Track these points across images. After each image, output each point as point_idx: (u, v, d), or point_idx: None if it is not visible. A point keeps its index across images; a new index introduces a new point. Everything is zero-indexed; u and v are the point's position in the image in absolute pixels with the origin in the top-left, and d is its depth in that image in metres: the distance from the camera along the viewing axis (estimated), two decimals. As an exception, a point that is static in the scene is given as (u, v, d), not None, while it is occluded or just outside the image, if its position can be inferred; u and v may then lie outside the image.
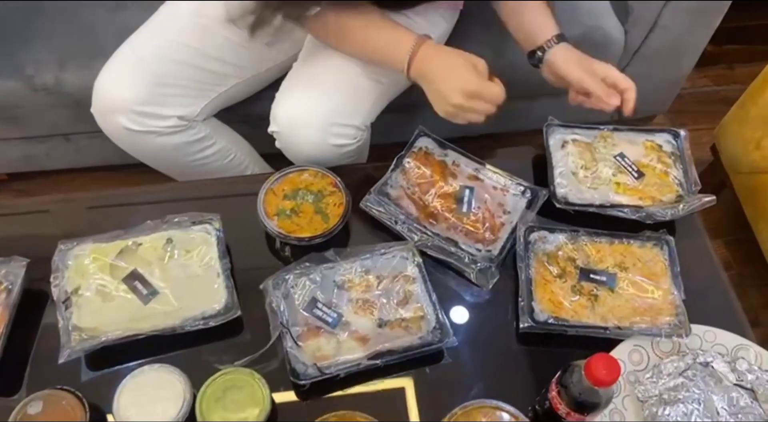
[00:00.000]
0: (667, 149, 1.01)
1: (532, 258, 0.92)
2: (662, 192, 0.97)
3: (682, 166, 1.00)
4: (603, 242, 0.93)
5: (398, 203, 0.96)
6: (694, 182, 0.97)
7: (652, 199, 0.96)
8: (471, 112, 0.89)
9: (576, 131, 1.04)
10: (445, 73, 0.89)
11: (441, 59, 0.90)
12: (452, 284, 0.92)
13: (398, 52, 0.91)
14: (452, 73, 0.88)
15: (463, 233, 0.94)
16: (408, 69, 0.91)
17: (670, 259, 0.92)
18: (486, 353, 0.89)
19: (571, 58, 0.95)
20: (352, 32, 0.93)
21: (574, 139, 1.03)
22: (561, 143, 1.02)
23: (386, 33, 0.93)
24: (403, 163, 1.00)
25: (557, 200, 0.96)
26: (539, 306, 0.88)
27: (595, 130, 1.04)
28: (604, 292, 0.89)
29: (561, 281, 0.90)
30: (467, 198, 0.97)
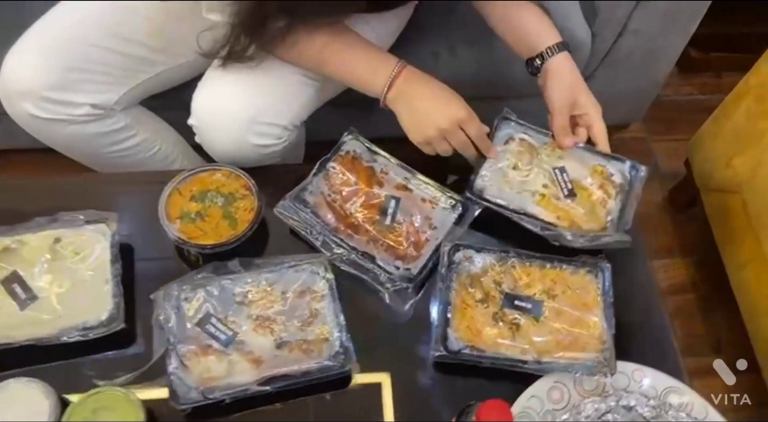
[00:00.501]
0: (617, 179, 0.93)
1: (455, 280, 0.85)
2: (587, 220, 0.89)
3: (623, 202, 0.92)
4: (534, 266, 0.86)
5: (316, 212, 0.89)
6: (626, 223, 0.89)
7: (572, 222, 0.89)
8: (448, 141, 0.87)
9: (529, 132, 0.96)
10: (434, 98, 0.87)
11: (427, 89, 0.87)
12: (366, 305, 0.86)
13: (378, 76, 0.87)
14: (438, 102, 0.86)
15: (384, 248, 0.88)
16: (387, 91, 0.87)
17: (604, 288, 0.85)
18: (397, 382, 0.82)
19: (562, 81, 0.91)
20: (328, 57, 0.88)
21: (522, 138, 0.96)
22: (507, 138, 0.96)
23: (364, 54, 0.89)
24: (327, 167, 0.93)
25: (472, 191, 0.90)
26: (455, 334, 0.81)
27: (550, 136, 0.96)
28: (527, 321, 0.82)
29: (483, 306, 0.83)
30: (392, 210, 0.90)
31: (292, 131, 0.95)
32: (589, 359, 0.79)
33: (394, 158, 0.94)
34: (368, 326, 0.84)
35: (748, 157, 1.22)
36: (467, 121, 0.86)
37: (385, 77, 0.85)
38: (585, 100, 0.90)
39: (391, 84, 0.85)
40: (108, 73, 0.98)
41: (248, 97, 0.90)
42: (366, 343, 0.82)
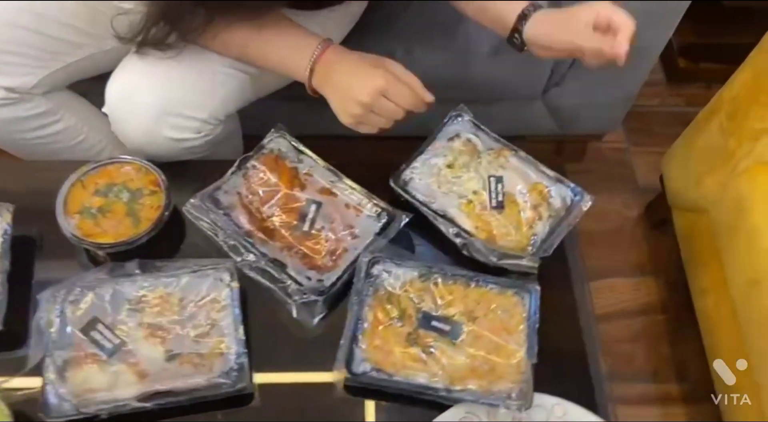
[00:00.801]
0: (555, 202, 0.86)
1: (371, 295, 0.79)
2: (507, 236, 0.83)
3: (553, 227, 0.85)
4: (458, 284, 0.80)
5: (229, 213, 0.83)
6: (548, 248, 0.83)
7: (490, 235, 0.83)
8: (378, 116, 0.79)
9: (479, 133, 0.91)
10: (349, 77, 0.79)
11: (345, 64, 0.80)
12: (272, 318, 0.80)
13: (300, 58, 0.81)
14: (356, 76, 0.79)
15: (298, 257, 0.82)
16: (311, 74, 0.81)
17: (530, 313, 0.78)
18: (298, 404, 0.76)
19: (551, 26, 0.80)
20: (252, 42, 0.83)
21: (468, 138, 0.90)
22: (453, 134, 0.90)
23: (287, 38, 0.82)
24: (247, 165, 0.87)
25: (396, 181, 0.86)
26: (363, 354, 0.75)
27: (501, 144, 0.90)
28: (443, 344, 0.76)
29: (398, 325, 0.77)
30: (311, 215, 0.84)
31: (215, 125, 0.90)
32: (504, 390, 0.73)
33: (322, 160, 0.88)
34: (271, 341, 0.79)
35: (717, 176, 1.15)
36: (388, 87, 0.77)
37: (307, 59, 0.79)
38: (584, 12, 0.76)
39: (314, 66, 0.80)
40: (25, 55, 0.93)
41: (163, 88, 0.84)
42: (267, 360, 0.77)
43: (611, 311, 1.50)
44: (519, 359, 0.75)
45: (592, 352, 0.81)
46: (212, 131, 0.89)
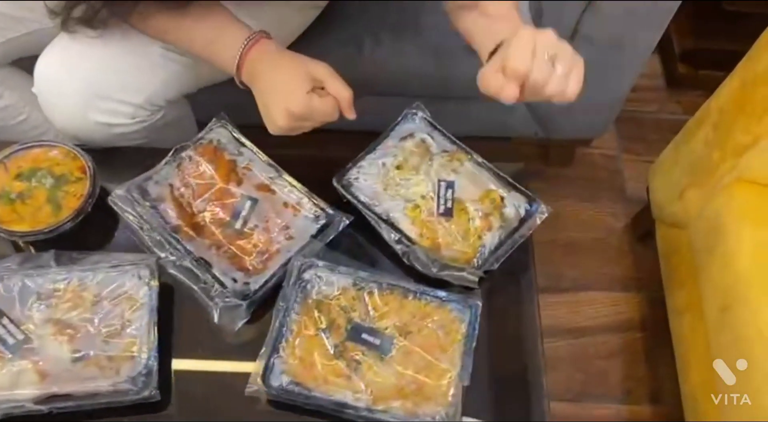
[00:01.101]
0: (509, 212, 0.81)
1: (300, 302, 0.74)
2: (453, 246, 0.78)
3: (503, 238, 0.80)
4: (395, 295, 0.75)
5: (156, 205, 0.79)
6: (496, 260, 0.77)
7: (434, 244, 0.78)
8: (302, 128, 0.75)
9: (434, 134, 0.85)
10: (273, 87, 0.73)
11: (271, 69, 0.74)
12: (194, 321, 0.76)
13: (227, 51, 0.75)
14: (279, 89, 0.73)
15: (227, 256, 0.77)
16: (239, 69, 0.75)
17: (469, 330, 0.73)
18: (218, 414, 0.72)
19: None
20: (183, 28, 0.77)
21: (422, 139, 0.85)
22: (407, 134, 0.85)
23: (218, 27, 0.77)
24: (183, 155, 0.82)
25: (339, 181, 0.81)
26: (282, 366, 0.70)
27: (456, 146, 0.85)
28: (371, 360, 0.72)
29: (325, 336, 0.73)
30: (245, 212, 0.79)
31: (152, 111, 0.85)
32: (429, 413, 0.68)
33: (263, 154, 0.83)
34: (189, 347, 0.74)
35: (700, 190, 1.09)
36: (305, 117, 0.72)
37: (235, 50, 0.74)
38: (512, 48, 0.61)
39: (242, 60, 0.74)
40: (-39, 28, 0.89)
41: (94, 70, 0.80)
42: (183, 367, 0.72)
43: (589, 325, 1.45)
44: (450, 380, 0.70)
45: (536, 375, 0.76)
46: (149, 117, 0.85)
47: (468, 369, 0.71)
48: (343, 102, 0.73)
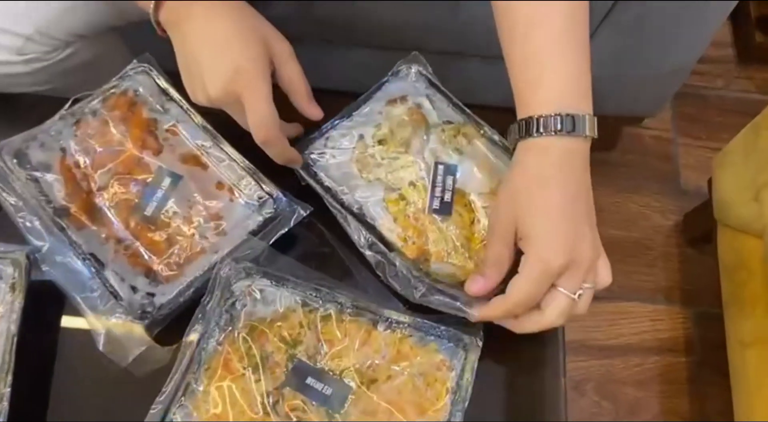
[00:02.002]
0: None
1: (223, 327, 0.54)
2: (448, 256, 0.57)
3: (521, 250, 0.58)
4: (359, 322, 0.54)
5: (39, 177, 0.58)
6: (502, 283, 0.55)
7: (422, 252, 0.57)
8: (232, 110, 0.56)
9: (435, 98, 0.64)
10: (208, 43, 0.53)
11: (212, 12, 0.53)
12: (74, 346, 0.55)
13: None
14: (218, 47, 0.53)
15: (128, 254, 0.57)
16: (157, 10, 0.54)
17: (459, 381, 0.52)
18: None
19: (509, 185, 0.53)
20: None
21: (418, 104, 0.63)
22: (396, 96, 0.63)
23: None
24: (85, 109, 0.61)
25: (305, 162, 0.60)
26: (189, 419, 0.50)
27: (465, 116, 0.63)
28: (316, 418, 0.51)
29: (254, 378, 0.52)
30: (162, 193, 0.58)
31: (50, 48, 0.65)
32: None
33: (197, 113, 0.62)
34: (64, 383, 0.54)
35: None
36: (248, 97, 0.52)
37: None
38: (527, 233, 0.50)
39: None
40: None
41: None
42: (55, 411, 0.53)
43: (623, 343, 1.23)
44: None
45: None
46: (47, 55, 0.64)
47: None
48: (299, 96, 0.57)
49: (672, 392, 1.18)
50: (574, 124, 0.50)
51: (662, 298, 1.26)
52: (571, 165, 0.51)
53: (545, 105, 0.50)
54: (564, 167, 0.50)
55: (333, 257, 0.60)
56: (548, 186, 0.50)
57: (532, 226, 0.50)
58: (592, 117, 0.51)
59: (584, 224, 0.50)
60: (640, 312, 1.25)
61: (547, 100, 0.51)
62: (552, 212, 0.49)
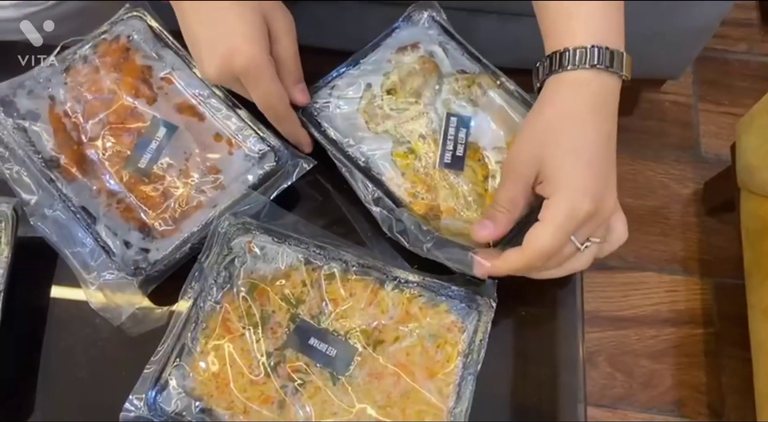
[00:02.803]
0: None
1: (222, 284, 0.51)
2: (459, 213, 0.54)
3: (537, 207, 0.54)
4: (366, 282, 0.52)
5: (27, 126, 0.56)
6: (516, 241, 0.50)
7: (431, 208, 0.54)
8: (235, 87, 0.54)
9: (449, 47, 0.60)
10: (209, 28, 0.51)
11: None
12: (64, 306, 0.53)
13: None
14: (224, 19, 0.50)
15: (121, 208, 0.54)
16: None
17: (470, 344, 0.50)
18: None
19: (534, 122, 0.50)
20: None
21: (431, 52, 0.59)
22: (408, 42, 0.60)
23: None
24: (75, 55, 0.58)
25: (308, 112, 0.56)
26: (181, 382, 0.48)
27: (481, 66, 0.59)
28: (318, 380, 0.49)
29: (254, 339, 0.50)
30: (156, 143, 0.56)
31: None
32: (399, 474, 0.46)
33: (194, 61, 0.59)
34: (53, 343, 0.52)
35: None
36: (249, 79, 0.51)
37: None
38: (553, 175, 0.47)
39: None
40: None
41: None
42: (45, 378, 0.51)
43: (638, 314, 1.21)
44: (437, 420, 0.47)
45: (570, 408, 0.52)
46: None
47: (464, 404, 0.48)
48: (289, 77, 0.54)
49: (687, 364, 1.15)
50: (612, 59, 0.47)
51: (679, 268, 1.23)
52: (606, 104, 0.48)
53: (581, 36, 0.47)
54: (599, 105, 0.47)
55: (337, 213, 0.57)
56: (582, 124, 0.47)
57: (560, 167, 0.46)
58: (629, 56, 0.48)
59: (613, 170, 0.48)
60: (655, 283, 1.22)
61: (583, 30, 0.47)
62: (584, 153, 0.46)
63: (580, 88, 0.47)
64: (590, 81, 0.47)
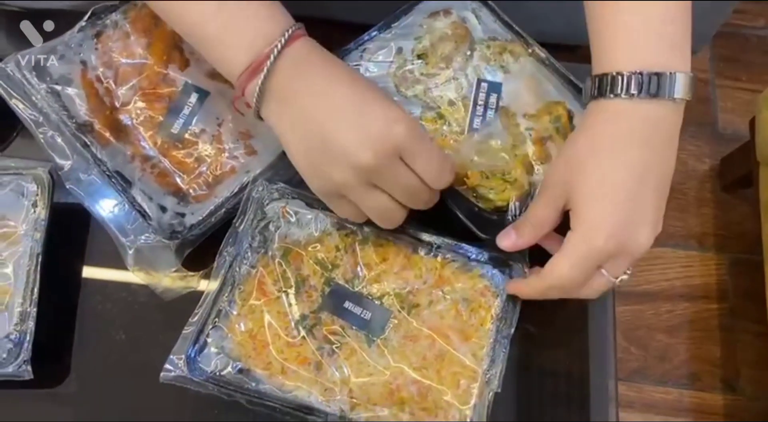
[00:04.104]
0: None
1: (257, 249, 0.52)
2: (487, 180, 0.54)
3: None
4: (398, 247, 0.52)
5: (60, 91, 0.56)
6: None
7: (460, 177, 0.53)
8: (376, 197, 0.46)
9: (482, 14, 0.59)
10: (353, 111, 0.44)
11: (339, 86, 0.45)
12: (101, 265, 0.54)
13: (242, 42, 0.45)
14: (368, 112, 0.44)
15: (155, 173, 0.55)
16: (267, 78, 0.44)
17: (507, 307, 0.50)
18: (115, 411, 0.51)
19: (570, 148, 0.47)
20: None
21: (463, 17, 0.59)
22: (439, 8, 0.59)
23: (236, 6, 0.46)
24: (106, 21, 0.58)
25: None
26: (219, 342, 0.49)
27: (513, 33, 0.59)
28: (354, 342, 0.49)
29: (289, 302, 0.50)
30: (189, 109, 0.56)
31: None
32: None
33: (225, 26, 0.59)
34: (87, 303, 0.53)
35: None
36: (418, 145, 0.44)
37: (256, 49, 0.44)
38: (577, 208, 0.45)
39: (275, 63, 0.44)
40: None
41: None
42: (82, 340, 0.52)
43: (653, 290, 1.21)
44: (471, 382, 0.48)
45: (601, 394, 0.53)
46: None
47: (499, 366, 0.48)
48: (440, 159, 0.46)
49: (702, 339, 1.16)
50: (659, 85, 0.42)
51: (695, 244, 1.23)
52: (648, 137, 0.43)
53: (623, 60, 0.43)
54: (638, 138, 0.43)
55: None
56: (613, 158, 0.43)
57: (583, 202, 0.44)
58: (688, 75, 0.43)
59: (648, 208, 0.44)
60: (671, 258, 1.23)
61: (627, 52, 0.43)
62: (609, 192, 0.43)
63: (618, 119, 0.44)
64: (630, 113, 0.43)
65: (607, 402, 0.53)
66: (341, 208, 0.48)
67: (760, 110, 1.03)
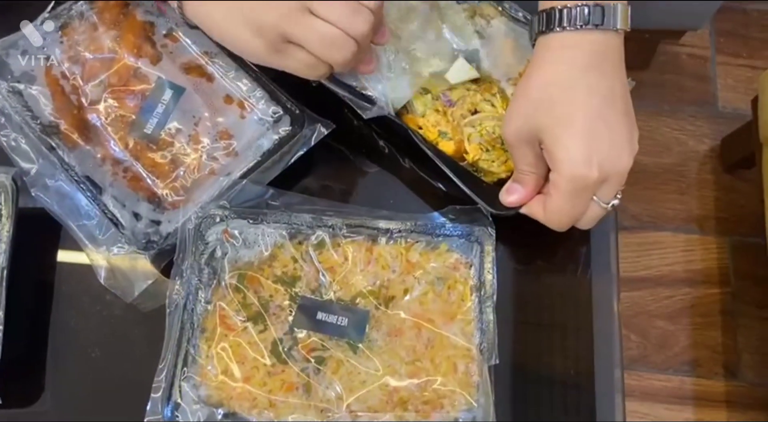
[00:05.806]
0: None
1: (207, 282, 0.48)
2: (494, 152, 0.52)
3: None
4: (358, 242, 0.49)
5: (23, 90, 0.52)
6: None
7: (460, 152, 0.52)
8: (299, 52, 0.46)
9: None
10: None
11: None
12: (72, 278, 0.51)
13: None
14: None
15: (128, 177, 0.51)
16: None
17: (481, 276, 0.48)
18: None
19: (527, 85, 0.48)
20: None
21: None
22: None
23: None
24: (72, 12, 0.54)
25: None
26: (195, 392, 0.45)
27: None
28: (338, 352, 0.47)
29: (257, 329, 0.47)
30: (163, 108, 0.52)
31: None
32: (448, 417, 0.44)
33: (200, 16, 0.55)
34: (59, 321, 0.50)
35: None
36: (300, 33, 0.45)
37: None
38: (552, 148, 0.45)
39: None
40: None
41: None
42: (57, 358, 0.49)
43: (653, 275, 1.19)
44: (469, 362, 0.46)
45: (605, 369, 0.50)
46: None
47: (491, 336, 0.46)
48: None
49: (703, 324, 1.14)
50: (603, 15, 0.44)
51: (695, 227, 1.21)
52: (600, 65, 0.45)
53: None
54: (591, 67, 0.45)
55: (353, 178, 0.55)
56: (573, 91, 0.44)
57: (557, 140, 0.44)
58: (626, 5, 0.45)
59: (621, 129, 0.45)
60: (671, 242, 1.20)
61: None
62: (579, 122, 0.44)
63: (568, 52, 0.45)
64: (579, 43, 0.45)
65: (613, 392, 0.51)
66: (295, 56, 0.46)
67: (764, 90, 1.00)
